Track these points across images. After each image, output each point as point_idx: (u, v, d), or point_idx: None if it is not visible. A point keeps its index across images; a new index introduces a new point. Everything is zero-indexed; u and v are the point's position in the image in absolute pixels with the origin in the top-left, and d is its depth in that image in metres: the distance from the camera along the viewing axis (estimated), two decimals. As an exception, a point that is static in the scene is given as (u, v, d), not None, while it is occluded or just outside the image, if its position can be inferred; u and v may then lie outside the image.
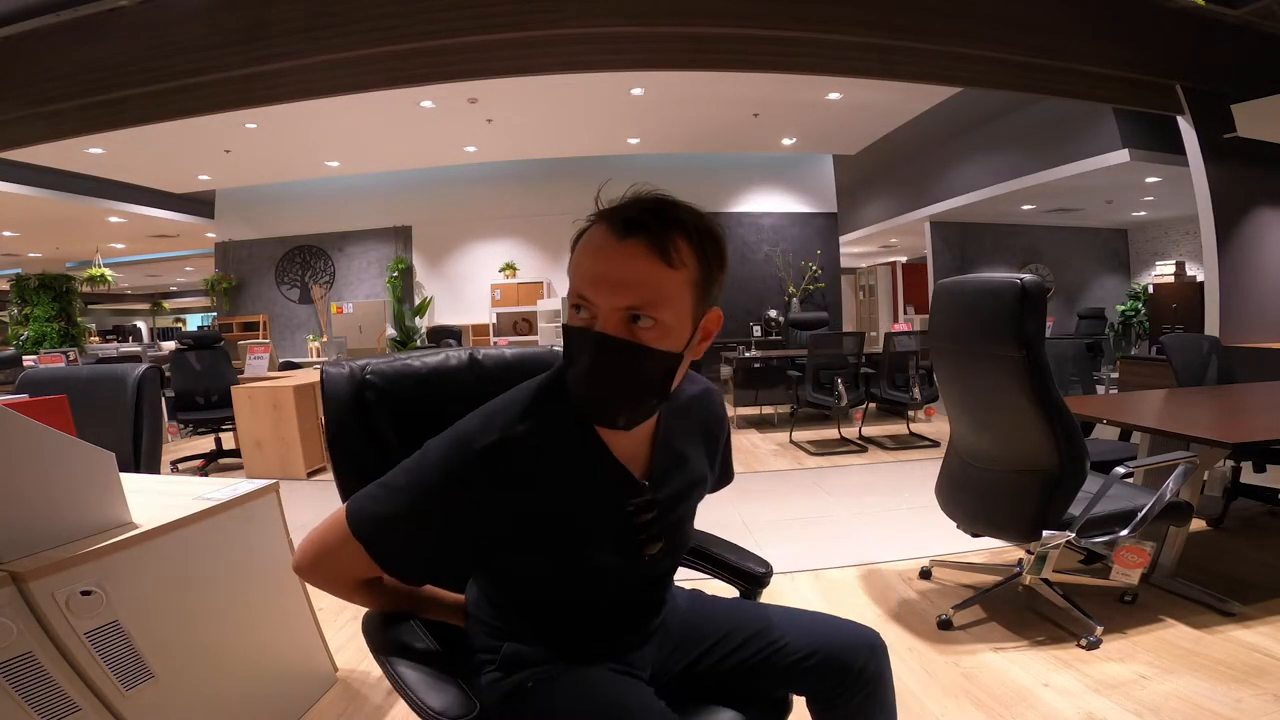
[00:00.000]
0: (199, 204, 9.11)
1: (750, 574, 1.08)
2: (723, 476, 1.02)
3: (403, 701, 0.73)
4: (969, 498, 2.06)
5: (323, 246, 8.86)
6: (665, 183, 0.71)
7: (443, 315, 8.62)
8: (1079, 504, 1.82)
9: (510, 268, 8.45)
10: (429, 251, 8.77)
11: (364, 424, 0.93)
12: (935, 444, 4.71)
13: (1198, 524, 2.67)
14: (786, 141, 7.82)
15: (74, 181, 7.42)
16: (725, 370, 6.45)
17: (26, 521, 1.13)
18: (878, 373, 4.95)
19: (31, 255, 11.18)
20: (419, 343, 8.18)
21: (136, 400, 1.99)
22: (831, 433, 5.10)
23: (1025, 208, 8.58)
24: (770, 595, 1.10)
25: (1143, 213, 8.98)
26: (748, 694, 0.93)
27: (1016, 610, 2.08)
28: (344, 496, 0.86)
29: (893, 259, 13.87)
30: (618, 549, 0.80)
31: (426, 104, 5.96)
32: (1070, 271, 9.98)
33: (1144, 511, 1.82)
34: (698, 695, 0.92)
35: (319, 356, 6.98)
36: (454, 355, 1.03)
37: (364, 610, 0.86)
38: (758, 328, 8.23)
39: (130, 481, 1.39)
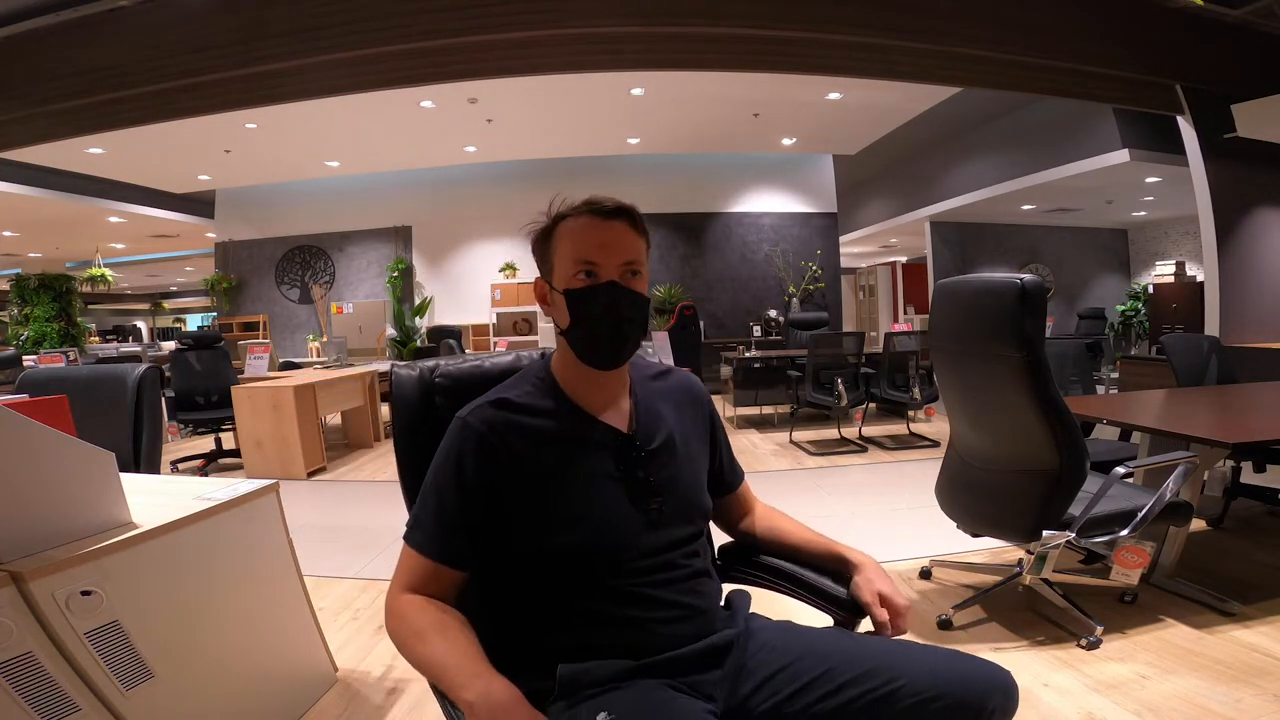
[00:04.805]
0: (199, 204, 9.11)
1: (830, 594, 0.97)
2: (731, 470, 1.08)
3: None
4: (969, 498, 2.06)
5: (323, 246, 8.86)
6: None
7: (443, 315, 8.62)
8: (1079, 504, 1.82)
9: (510, 268, 8.44)
10: (429, 251, 8.77)
11: (430, 426, 0.98)
12: (935, 444, 4.70)
13: (1198, 524, 2.67)
14: (786, 141, 7.82)
15: (74, 181, 7.42)
16: (725, 370, 6.44)
17: (26, 521, 1.13)
18: (878, 373, 4.95)
19: (31, 255, 11.19)
20: (419, 343, 8.18)
21: (136, 400, 1.99)
22: (831, 433, 5.10)
23: (1025, 208, 8.58)
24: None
25: (1143, 213, 8.98)
26: None
27: (1016, 610, 2.08)
28: (406, 493, 0.98)
29: (893, 259, 13.87)
30: (621, 492, 0.88)
31: (426, 104, 5.96)
32: (1070, 271, 9.98)
33: (1144, 511, 1.82)
34: None
35: (319, 356, 6.99)
36: (524, 356, 1.10)
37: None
38: (758, 328, 8.22)
39: (130, 481, 1.38)
